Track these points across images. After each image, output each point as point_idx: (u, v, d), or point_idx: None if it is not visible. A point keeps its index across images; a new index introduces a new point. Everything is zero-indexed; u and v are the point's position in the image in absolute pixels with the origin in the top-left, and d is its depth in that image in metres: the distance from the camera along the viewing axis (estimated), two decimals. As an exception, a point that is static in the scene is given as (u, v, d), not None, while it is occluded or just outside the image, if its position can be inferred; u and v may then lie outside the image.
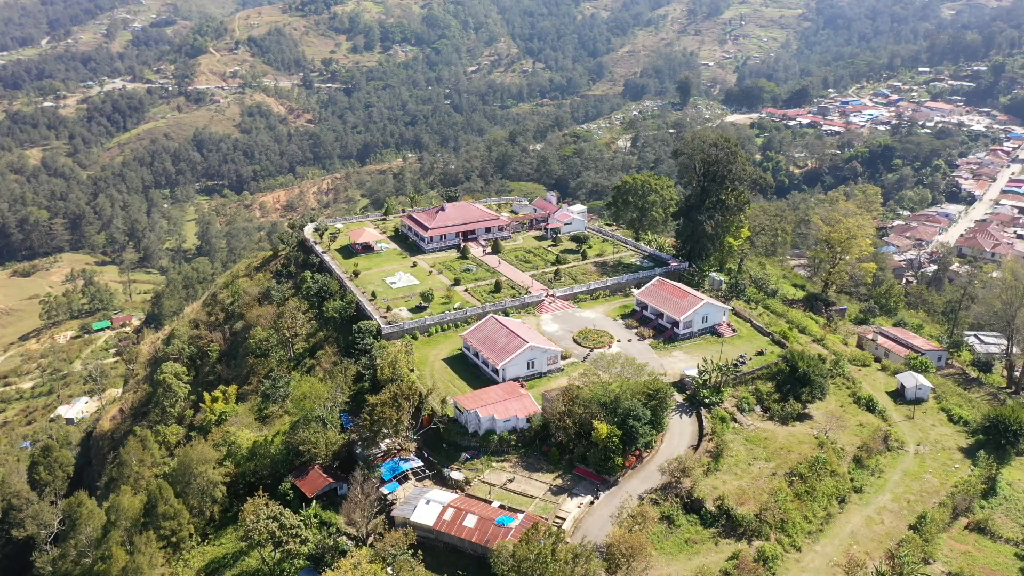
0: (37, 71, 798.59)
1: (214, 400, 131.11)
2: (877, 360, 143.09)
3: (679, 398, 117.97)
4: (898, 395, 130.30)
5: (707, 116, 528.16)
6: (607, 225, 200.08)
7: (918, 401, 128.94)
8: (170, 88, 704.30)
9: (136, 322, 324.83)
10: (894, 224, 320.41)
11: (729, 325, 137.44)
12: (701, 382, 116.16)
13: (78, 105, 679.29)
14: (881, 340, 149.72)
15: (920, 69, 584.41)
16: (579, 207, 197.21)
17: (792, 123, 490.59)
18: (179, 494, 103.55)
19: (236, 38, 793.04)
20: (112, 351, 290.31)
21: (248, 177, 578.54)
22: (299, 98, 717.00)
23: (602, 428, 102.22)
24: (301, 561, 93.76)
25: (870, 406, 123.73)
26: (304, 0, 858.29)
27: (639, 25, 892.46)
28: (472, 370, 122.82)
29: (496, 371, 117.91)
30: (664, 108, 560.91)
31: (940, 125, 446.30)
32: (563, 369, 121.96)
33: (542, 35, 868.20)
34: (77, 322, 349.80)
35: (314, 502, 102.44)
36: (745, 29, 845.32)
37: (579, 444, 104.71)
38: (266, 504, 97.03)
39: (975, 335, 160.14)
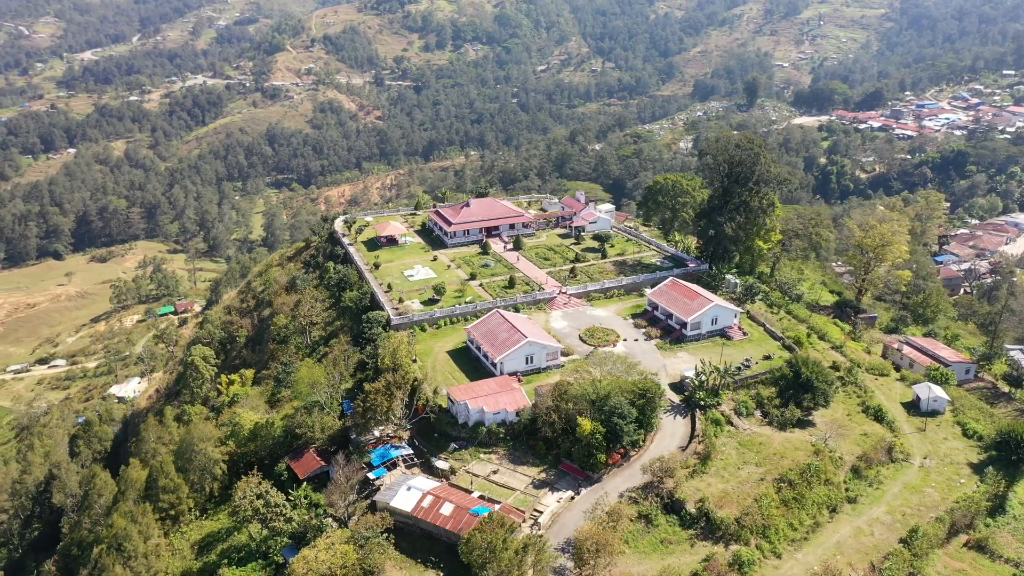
0: (127, 67, 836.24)
1: (230, 383, 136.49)
2: (899, 370, 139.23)
3: (676, 399, 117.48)
4: (913, 406, 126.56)
5: (774, 118, 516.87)
6: (644, 225, 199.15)
7: (933, 413, 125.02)
8: (247, 84, 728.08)
9: (197, 308, 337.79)
10: (957, 233, 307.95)
11: (740, 328, 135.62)
12: (697, 384, 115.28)
13: (161, 100, 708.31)
14: (907, 350, 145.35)
15: (1005, 72, 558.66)
16: (607, 206, 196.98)
17: (863, 126, 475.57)
18: (181, 470, 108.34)
19: (312, 36, 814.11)
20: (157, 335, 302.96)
21: (316, 171, 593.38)
22: (370, 95, 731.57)
23: (585, 424, 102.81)
24: (284, 539, 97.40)
25: (879, 416, 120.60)
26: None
27: (713, 25, 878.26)
28: (473, 363, 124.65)
29: (495, 364, 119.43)
30: (729, 109, 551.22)
31: (1021, 130, 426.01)
32: (563, 365, 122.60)
33: (613, 34, 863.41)
34: (144, 307, 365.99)
35: (305, 483, 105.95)
36: (823, 29, 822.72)
37: (565, 440, 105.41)
38: (258, 483, 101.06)
39: (1020, 349, 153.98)
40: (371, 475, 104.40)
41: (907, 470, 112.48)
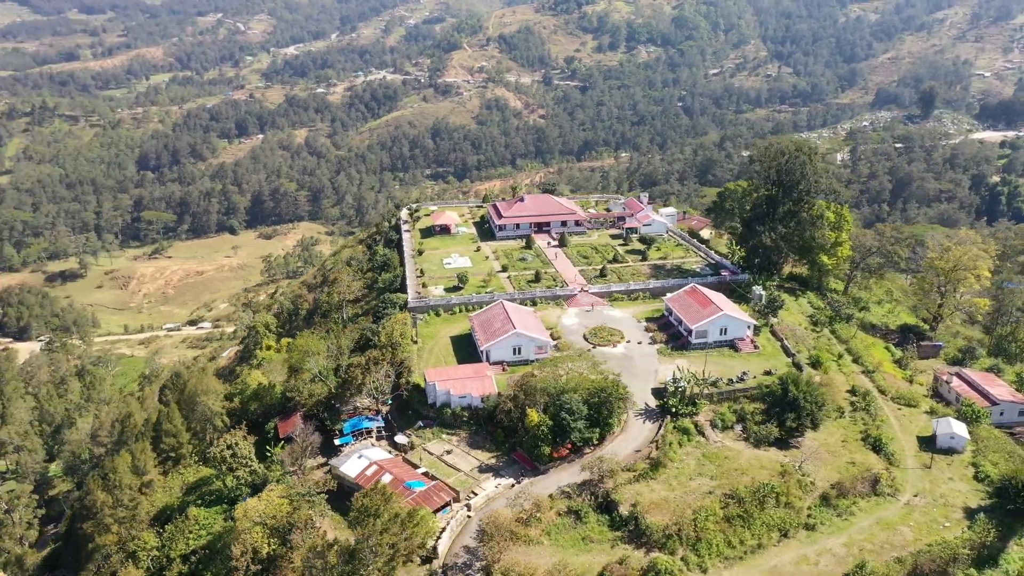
0: (321, 61, 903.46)
1: (267, 348, 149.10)
2: (947, 403, 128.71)
3: (653, 404, 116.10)
4: (931, 442, 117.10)
5: (951, 131, 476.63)
6: (716, 231, 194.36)
7: (950, 451, 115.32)
8: (422, 80, 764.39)
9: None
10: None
11: (752, 341, 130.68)
12: (672, 390, 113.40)
13: (344, 92, 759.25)
14: (956, 383, 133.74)
15: None
16: (669, 210, 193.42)
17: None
18: (186, 418, 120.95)
19: (488, 35, 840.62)
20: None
21: (472, 166, 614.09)
22: (537, 94, 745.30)
23: (533, 415, 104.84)
24: (245, 489, 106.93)
25: (877, 446, 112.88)
26: (558, 0, 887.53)
27: (909, 30, 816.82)
28: (470, 349, 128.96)
29: (483, 352, 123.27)
30: (896, 120, 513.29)
31: None
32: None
33: (796, 38, 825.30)
34: (287, 281, 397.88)
35: (283, 442, 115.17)
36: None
37: (520, 429, 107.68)
38: (244, 437, 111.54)
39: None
40: (337, 441, 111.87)
41: (889, 505, 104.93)
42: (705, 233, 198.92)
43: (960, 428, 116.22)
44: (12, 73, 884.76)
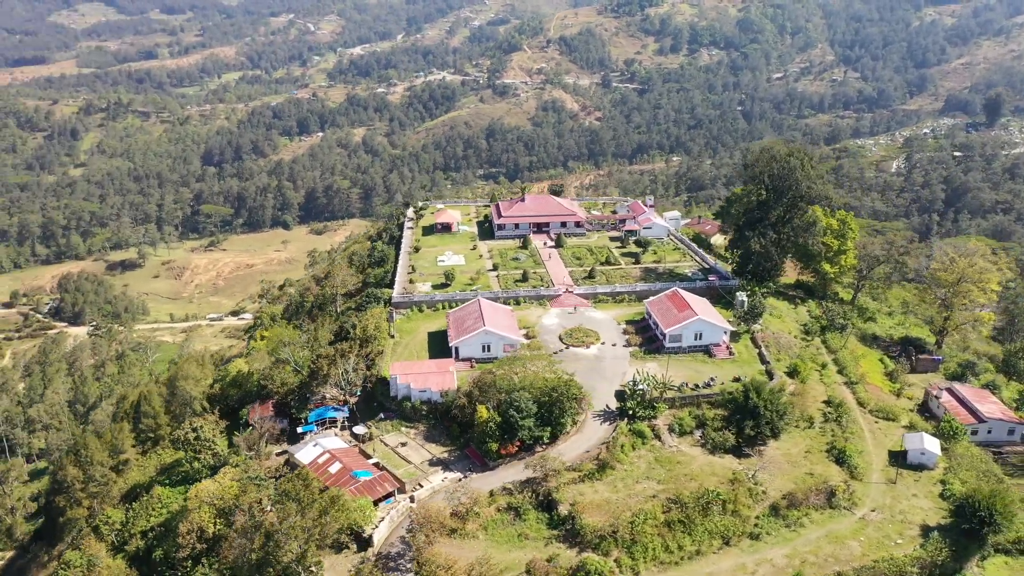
0: (385, 61, 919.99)
1: (260, 338, 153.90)
2: (936, 419, 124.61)
3: (615, 406, 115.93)
4: (903, 457, 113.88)
5: (1017, 139, 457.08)
6: (724, 235, 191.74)
7: (920, 467, 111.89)
8: (480, 81, 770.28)
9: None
10: None
11: (728, 347, 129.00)
12: (630, 393, 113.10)
13: (403, 92, 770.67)
14: (945, 398, 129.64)
15: None
16: (673, 214, 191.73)
17: None
18: (168, 401, 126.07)
19: (548, 37, 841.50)
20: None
21: (524, 167, 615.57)
22: (594, 96, 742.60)
23: (482, 411, 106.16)
24: (207, 471, 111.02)
25: (840, 458, 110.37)
26: (620, 2, 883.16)
27: (986, 35, 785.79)
28: (444, 345, 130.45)
29: (453, 348, 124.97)
30: (956, 127, 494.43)
31: None
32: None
33: (865, 42, 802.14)
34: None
35: (251, 428, 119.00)
36: None
37: (472, 425, 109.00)
38: (215, 422, 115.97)
39: None
40: (300, 429, 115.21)
41: (843, 519, 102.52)
42: (717, 238, 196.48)
43: (932, 444, 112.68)
44: (94, 70, 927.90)
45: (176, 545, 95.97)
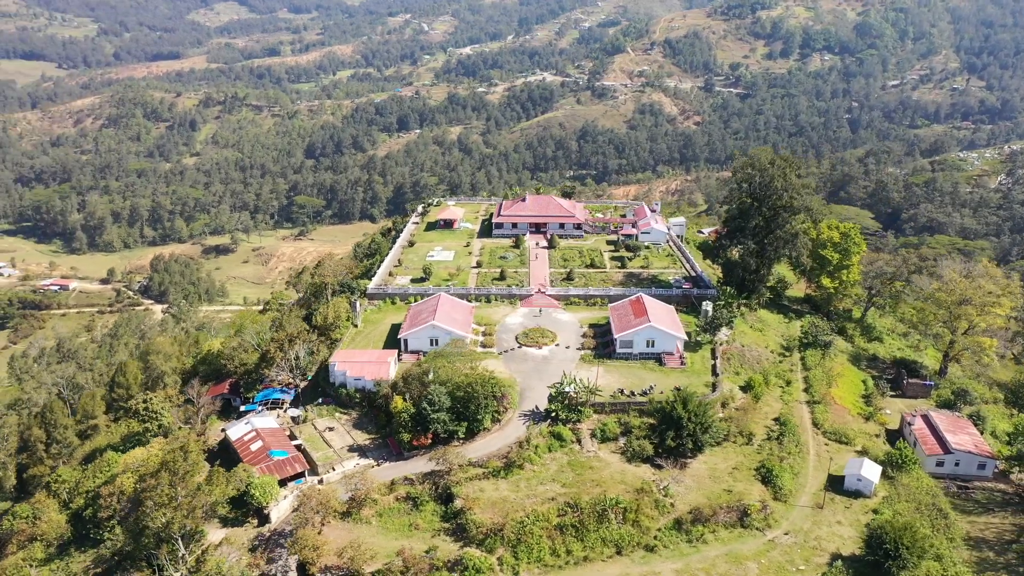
0: (492, 62, 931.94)
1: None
2: (911, 445, 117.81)
3: (542, 407, 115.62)
4: (841, 482, 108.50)
5: None
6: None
7: (857, 494, 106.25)
8: (580, 82, 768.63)
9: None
10: None
11: (681, 356, 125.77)
12: (555, 395, 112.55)
13: (503, 93, 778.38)
14: (918, 425, 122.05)
15: None
16: (678, 220, 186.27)
17: None
18: (145, 373, 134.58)
19: (653, 39, 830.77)
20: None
21: (613, 169, 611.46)
22: (695, 100, 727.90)
23: (398, 402, 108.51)
24: (154, 439, 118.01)
25: (767, 478, 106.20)
26: (731, 4, 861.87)
27: None
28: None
29: (402, 340, 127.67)
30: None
31: None
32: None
33: (995, 49, 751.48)
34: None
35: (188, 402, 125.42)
36: None
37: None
38: (167, 396, 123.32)
39: None
40: (243, 408, 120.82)
41: (750, 539, 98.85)
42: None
43: (871, 471, 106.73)
44: (220, 66, 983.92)
45: (99, 506, 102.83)
